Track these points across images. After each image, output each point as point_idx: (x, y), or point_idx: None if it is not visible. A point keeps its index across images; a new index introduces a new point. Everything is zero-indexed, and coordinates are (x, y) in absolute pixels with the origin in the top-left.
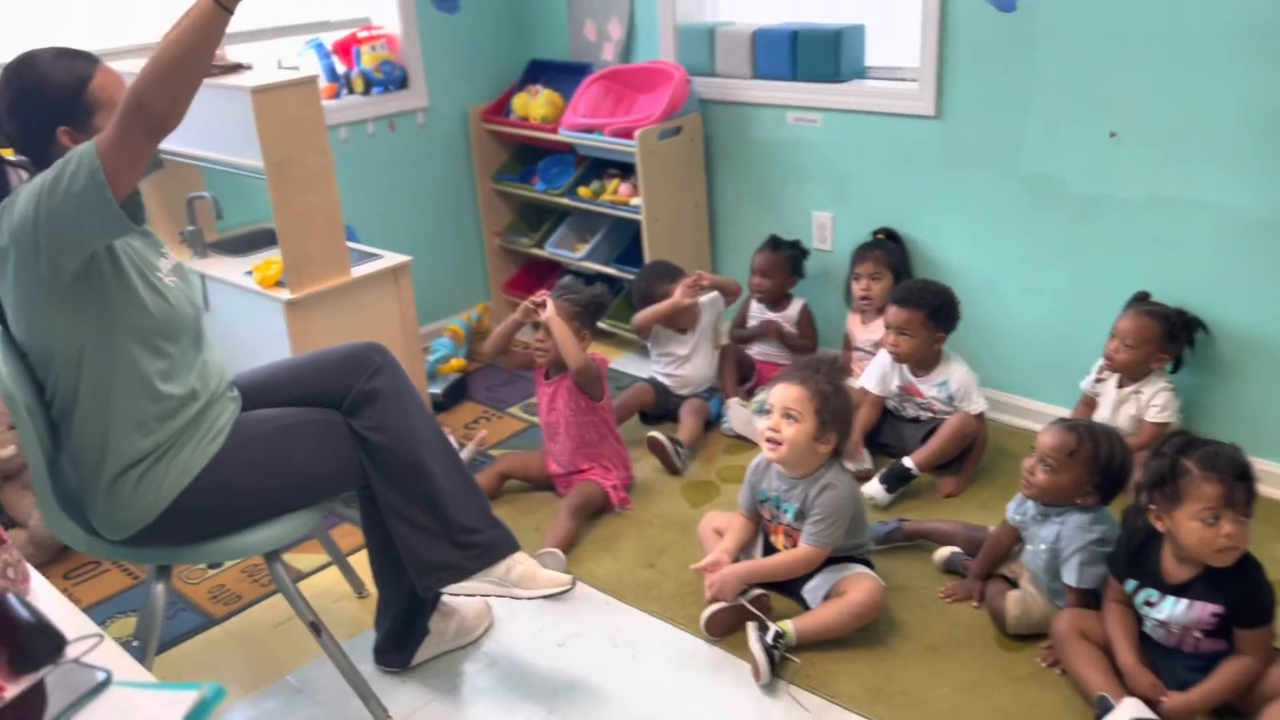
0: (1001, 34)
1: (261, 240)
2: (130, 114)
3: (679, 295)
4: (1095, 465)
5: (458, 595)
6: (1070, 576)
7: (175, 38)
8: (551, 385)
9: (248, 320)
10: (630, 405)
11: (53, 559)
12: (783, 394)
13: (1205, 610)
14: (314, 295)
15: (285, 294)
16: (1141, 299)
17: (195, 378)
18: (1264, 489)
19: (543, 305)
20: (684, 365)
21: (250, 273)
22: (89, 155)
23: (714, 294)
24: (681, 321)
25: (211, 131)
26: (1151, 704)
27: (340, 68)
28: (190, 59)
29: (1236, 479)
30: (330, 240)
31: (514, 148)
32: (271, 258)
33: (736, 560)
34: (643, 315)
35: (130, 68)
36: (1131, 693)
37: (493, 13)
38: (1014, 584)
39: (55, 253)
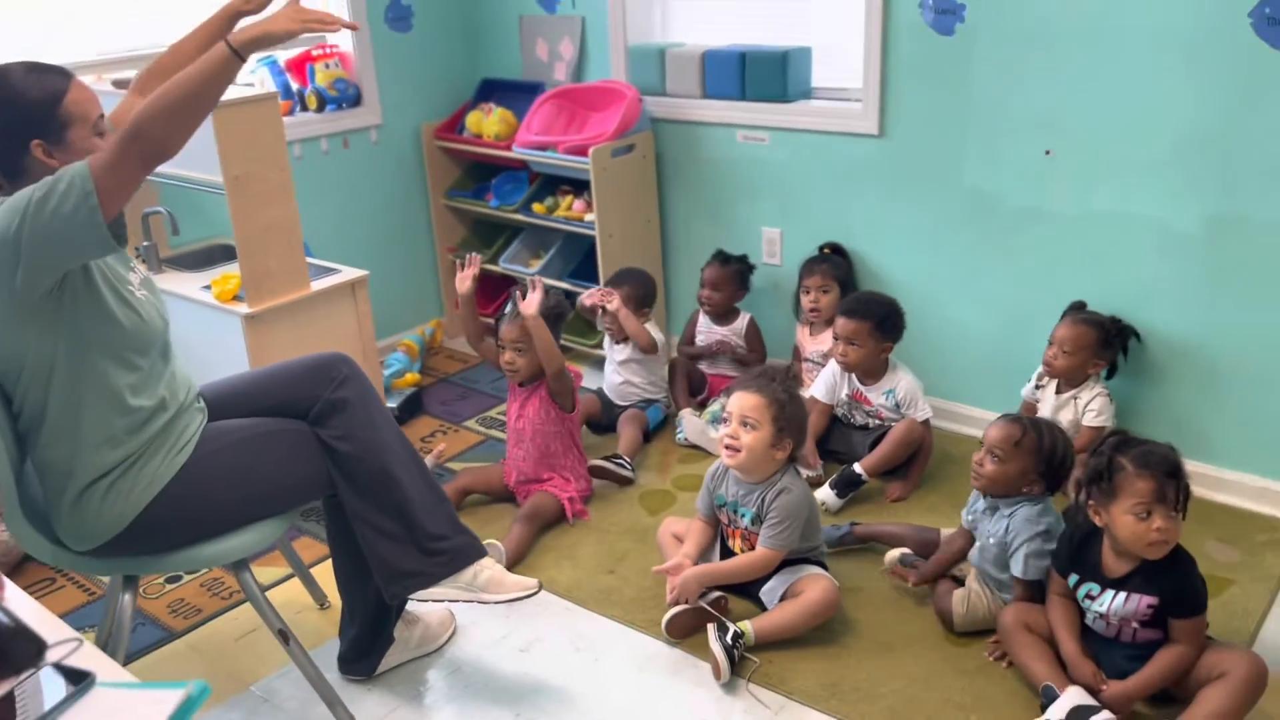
0: (941, 56)
1: (216, 256)
2: (130, 141)
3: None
4: (1040, 455)
5: (425, 601)
6: (1017, 569)
7: (189, 76)
8: (525, 392)
9: (206, 335)
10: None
11: (8, 574)
12: (740, 402)
13: (1142, 602)
14: (273, 309)
15: (244, 308)
16: (1078, 308)
17: (164, 388)
18: (1194, 488)
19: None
20: (617, 371)
21: (209, 287)
22: (82, 177)
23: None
24: (615, 329)
25: None
26: (1093, 692)
27: (294, 85)
28: (201, 99)
29: (1168, 476)
30: (289, 255)
31: (467, 165)
32: (229, 272)
33: (696, 564)
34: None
35: (104, 78)
36: (1074, 682)
37: (445, 32)
38: (960, 582)
39: (34, 269)
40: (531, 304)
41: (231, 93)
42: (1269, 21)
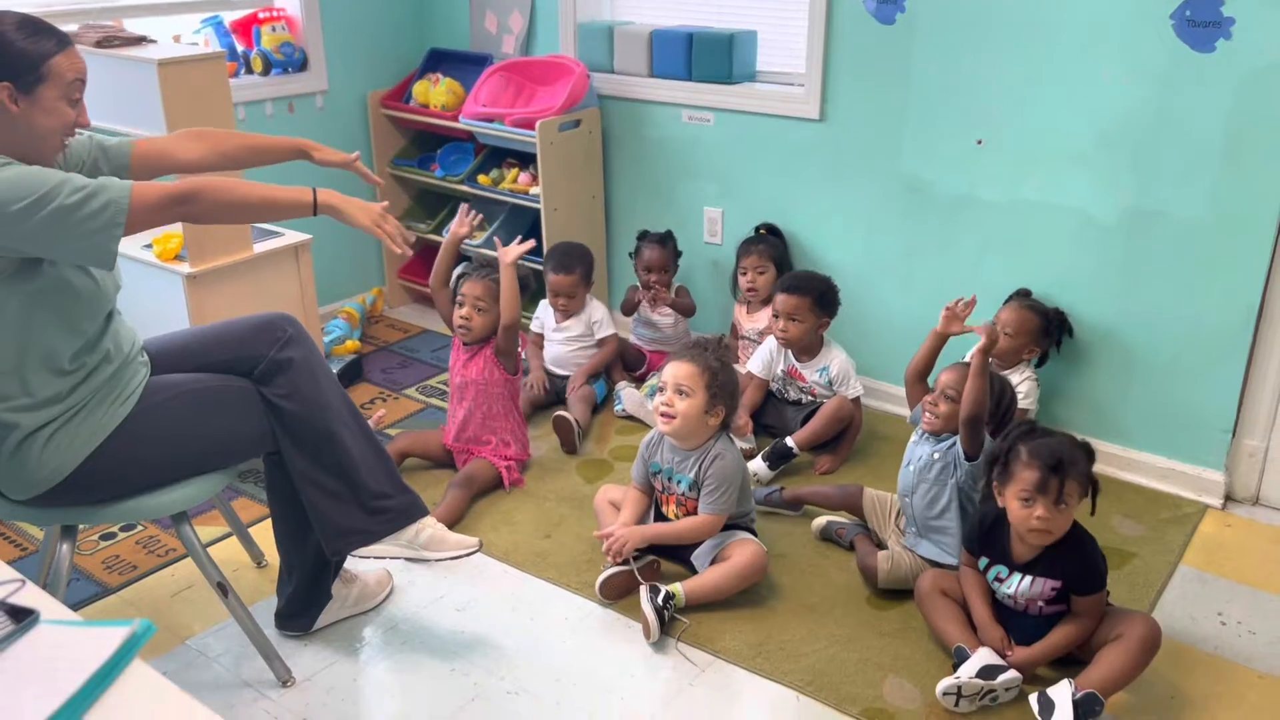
0: (882, 45)
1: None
2: (181, 202)
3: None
4: (990, 397)
5: (367, 558)
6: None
7: (264, 195)
8: (470, 350)
9: (147, 293)
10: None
11: None
12: (675, 371)
13: (1046, 585)
14: (215, 270)
15: (185, 268)
16: (1024, 294)
17: (108, 341)
18: (1105, 469)
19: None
20: (556, 344)
21: (150, 245)
22: (120, 206)
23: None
24: (561, 303)
25: (113, 103)
26: (1001, 656)
27: (239, 47)
28: (261, 214)
29: (1051, 470)
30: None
31: (413, 134)
32: (171, 231)
33: (637, 519)
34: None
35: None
36: (984, 645)
37: (394, 0)
38: (882, 545)
39: (20, 247)
40: (510, 252)
41: (177, 50)
42: (1189, 24)
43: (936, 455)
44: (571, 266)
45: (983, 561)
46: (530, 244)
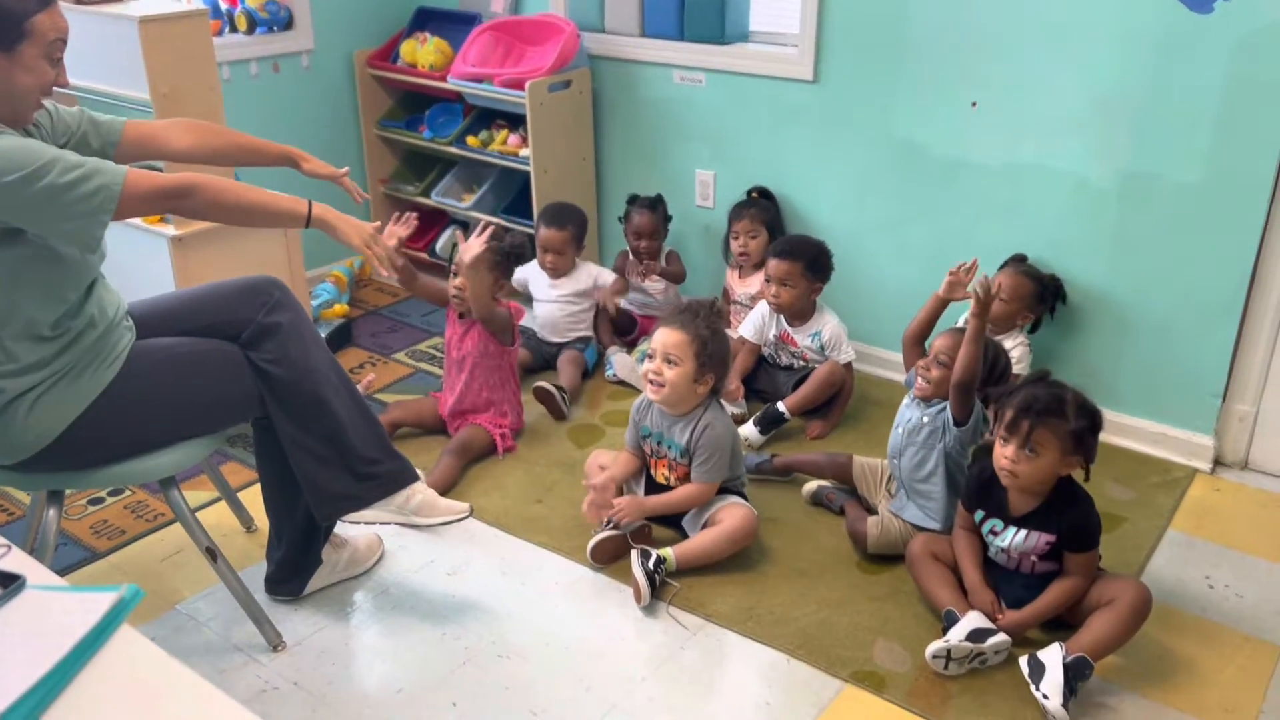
0: (876, 6)
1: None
2: (175, 197)
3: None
4: (984, 362)
5: (357, 523)
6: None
7: (259, 201)
8: (465, 324)
9: (132, 255)
10: None
11: None
12: (664, 339)
13: (1041, 539)
14: (200, 233)
15: (171, 230)
16: (1020, 259)
17: (93, 306)
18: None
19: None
20: (556, 305)
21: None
22: (112, 192)
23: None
24: (550, 260)
25: (95, 61)
26: (991, 619)
27: (223, 4)
28: (252, 219)
29: (1022, 411)
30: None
31: (400, 95)
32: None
33: (621, 485)
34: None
35: None
36: (974, 608)
37: None
38: (872, 510)
39: (2, 219)
40: (470, 250)
41: (159, 7)
42: None
43: (926, 419)
44: (564, 222)
45: (978, 515)
46: (491, 229)
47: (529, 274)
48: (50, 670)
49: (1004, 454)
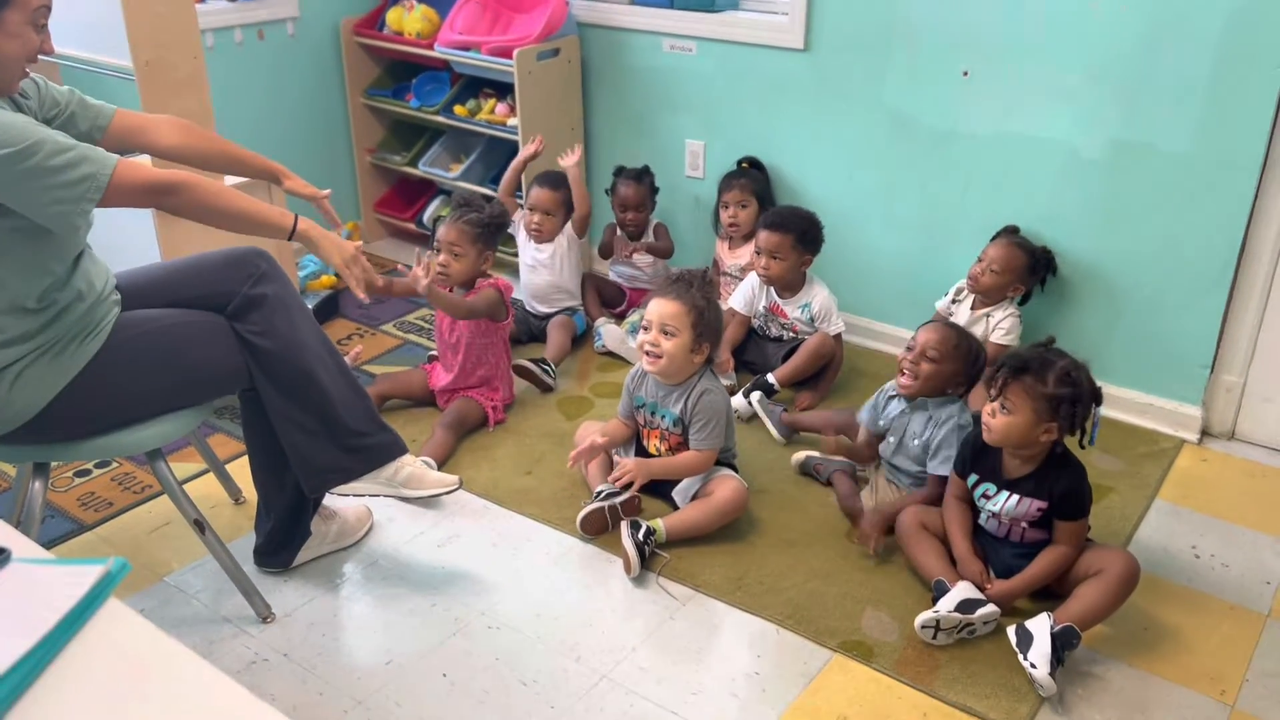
0: None
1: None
2: (161, 193)
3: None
4: (970, 357)
5: (345, 495)
6: (943, 469)
7: (245, 208)
8: None
9: (116, 225)
10: None
11: None
12: (660, 309)
13: (1032, 505)
14: None
15: None
16: (1012, 231)
17: (80, 279)
18: None
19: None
20: (539, 272)
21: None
22: (98, 182)
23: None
24: (535, 220)
25: (74, 28)
26: (980, 589)
27: None
28: (235, 225)
29: (1001, 368)
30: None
31: (387, 63)
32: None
33: (611, 454)
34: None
35: None
36: (963, 578)
37: None
38: (860, 482)
39: None
40: (417, 279)
41: None
42: None
43: (935, 418)
44: (558, 185)
45: (971, 479)
46: (435, 268)
47: (519, 247)
48: (36, 644)
49: (986, 407)
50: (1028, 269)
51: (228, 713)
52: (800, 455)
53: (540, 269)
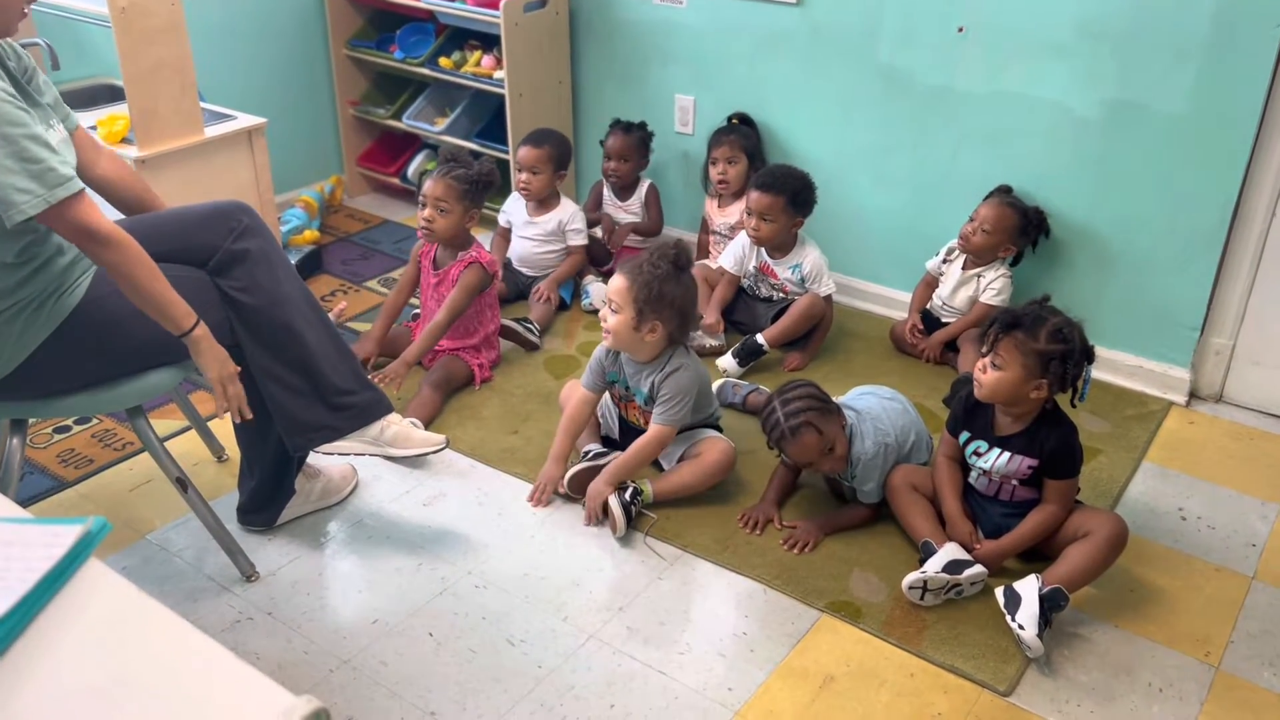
0: None
1: (101, 95)
2: (99, 241)
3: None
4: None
5: (330, 454)
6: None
7: (159, 296)
8: (439, 275)
9: None
10: None
11: None
12: (609, 285)
13: (1023, 463)
14: (164, 154)
15: (133, 151)
16: (1005, 190)
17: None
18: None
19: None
20: (530, 243)
21: (94, 127)
22: (43, 200)
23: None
24: (523, 179)
25: None
26: (968, 549)
27: None
28: (139, 304)
29: (993, 323)
30: (181, 97)
31: (370, 13)
32: (117, 113)
33: (570, 448)
34: None
35: None
36: (952, 539)
37: None
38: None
39: None
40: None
41: None
42: None
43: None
44: (542, 142)
45: (963, 436)
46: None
47: (510, 209)
48: (15, 604)
49: (978, 362)
50: (1019, 229)
51: (210, 674)
52: (718, 382)
53: (533, 242)
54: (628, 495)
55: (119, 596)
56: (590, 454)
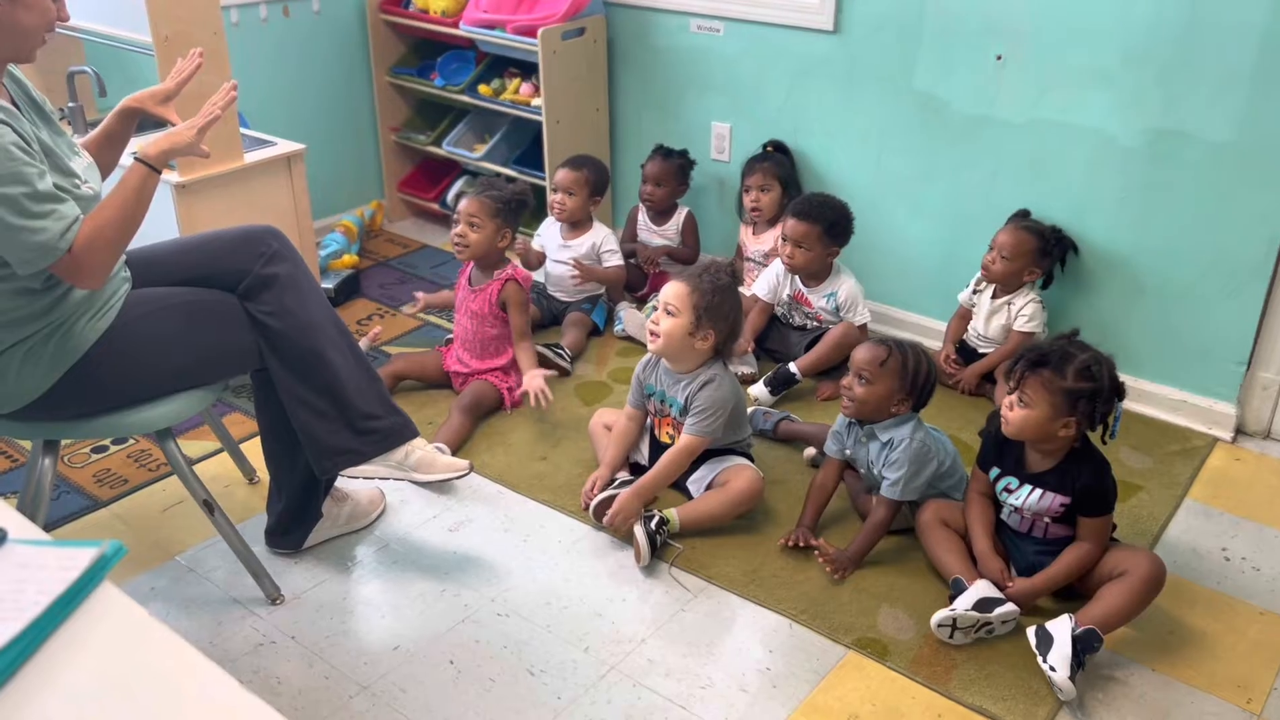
0: None
1: (146, 122)
2: (71, 274)
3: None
4: (904, 374)
5: (355, 478)
6: (887, 491)
7: (117, 201)
8: (475, 292)
9: None
10: None
11: None
12: (666, 290)
13: (1055, 500)
14: (205, 179)
15: (175, 177)
16: (1021, 215)
17: None
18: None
19: None
20: (562, 266)
21: (135, 152)
22: (54, 250)
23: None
24: (558, 200)
25: (95, 2)
26: (1000, 587)
27: None
28: (131, 217)
29: (1020, 360)
30: (221, 124)
31: (413, 41)
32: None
33: (622, 464)
34: None
35: None
36: (983, 576)
37: None
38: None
39: None
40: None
41: None
42: None
43: (895, 440)
44: (580, 166)
45: (994, 472)
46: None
47: (544, 233)
48: (27, 627)
49: (1005, 399)
50: (1039, 252)
51: (215, 704)
52: (811, 451)
53: (566, 265)
54: (653, 524)
55: (130, 621)
56: (616, 481)
